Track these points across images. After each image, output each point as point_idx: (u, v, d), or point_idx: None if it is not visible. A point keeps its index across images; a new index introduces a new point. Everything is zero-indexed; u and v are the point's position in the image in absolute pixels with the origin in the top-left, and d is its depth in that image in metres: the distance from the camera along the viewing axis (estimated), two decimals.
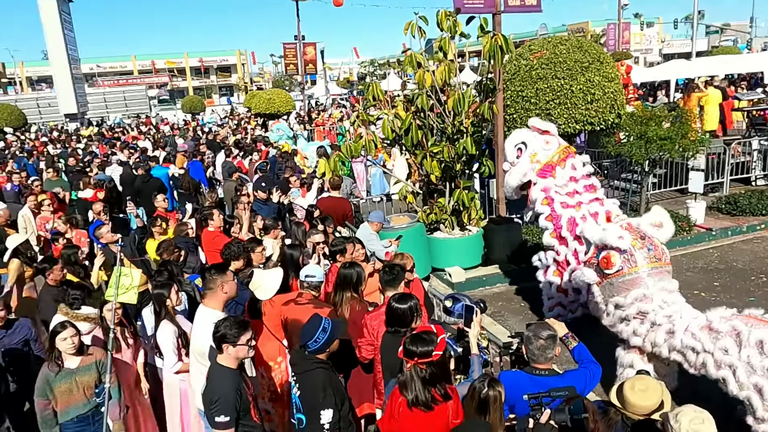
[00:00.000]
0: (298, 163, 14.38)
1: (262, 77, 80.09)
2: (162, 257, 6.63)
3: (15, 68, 69.43)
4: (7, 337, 4.92)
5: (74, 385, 4.19)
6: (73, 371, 4.21)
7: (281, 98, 23.83)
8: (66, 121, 35.73)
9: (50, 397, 4.15)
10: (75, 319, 5.23)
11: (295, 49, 26.54)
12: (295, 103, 25.92)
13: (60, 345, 4.16)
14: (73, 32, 37.26)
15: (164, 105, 59.65)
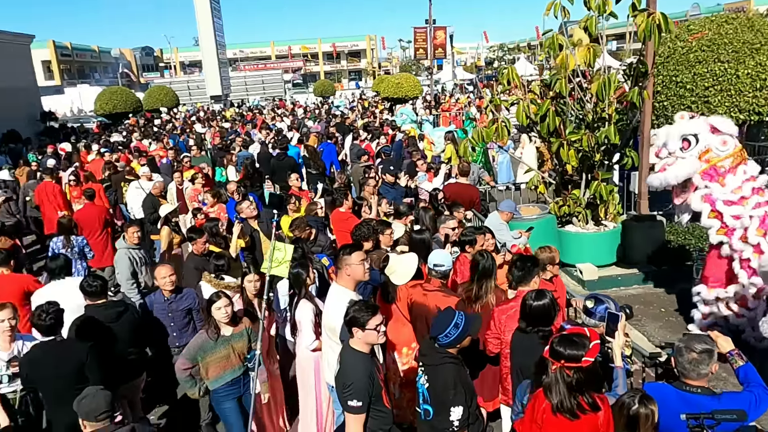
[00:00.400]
0: (424, 148, 14.32)
1: (390, 62, 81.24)
2: (294, 234, 6.91)
3: (171, 54, 76.55)
4: (176, 302, 5.23)
5: (231, 351, 4.42)
6: (228, 338, 4.44)
7: (409, 83, 23.89)
8: (211, 103, 38.79)
9: (199, 361, 4.38)
10: (217, 287, 5.61)
11: (425, 34, 26.42)
12: (422, 87, 25.92)
13: (215, 314, 4.38)
14: (221, 20, 40.22)
15: (297, 89, 62.59)
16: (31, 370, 4.13)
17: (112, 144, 16.44)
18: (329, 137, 15.69)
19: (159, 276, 5.21)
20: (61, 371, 4.09)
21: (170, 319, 5.21)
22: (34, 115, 23.58)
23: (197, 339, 4.46)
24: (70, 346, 4.31)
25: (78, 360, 4.13)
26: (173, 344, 5.23)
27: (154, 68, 77.42)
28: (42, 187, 10.38)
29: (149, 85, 45.14)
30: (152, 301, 5.25)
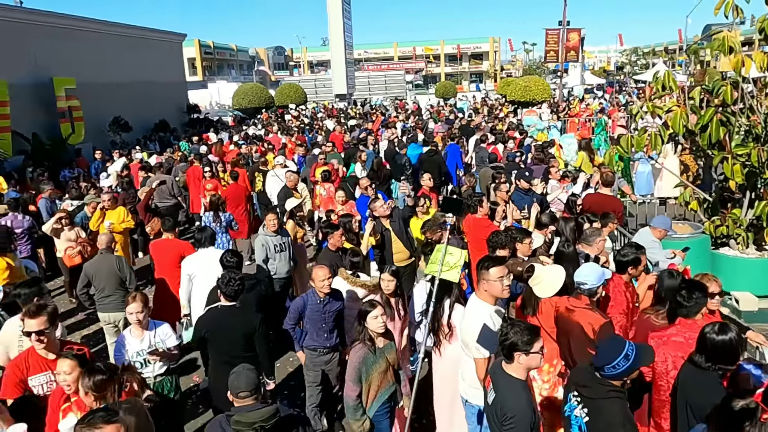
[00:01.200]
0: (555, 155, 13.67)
1: (513, 65, 79.30)
2: (426, 236, 6.83)
3: (300, 53, 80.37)
4: (330, 303, 5.05)
5: (387, 363, 4.13)
6: (382, 350, 4.16)
7: (538, 86, 23.04)
8: (336, 101, 40.11)
9: (363, 382, 4.05)
10: (353, 284, 5.66)
11: (557, 36, 25.38)
12: (551, 91, 24.92)
13: (371, 324, 4.08)
14: (350, 20, 41.39)
15: (418, 90, 62.99)
16: (209, 330, 4.57)
17: (249, 136, 17.47)
18: (452, 138, 15.52)
19: (317, 278, 4.97)
20: (233, 335, 4.53)
21: (322, 320, 5.06)
22: (181, 107, 25.75)
23: (356, 354, 4.10)
24: (247, 315, 4.74)
25: (251, 328, 4.59)
26: (323, 345, 5.13)
27: (284, 67, 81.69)
28: (191, 171, 11.36)
29: (279, 83, 47.55)
30: (306, 301, 5.08)
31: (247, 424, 3.08)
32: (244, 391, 3.22)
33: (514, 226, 6.65)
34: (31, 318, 3.78)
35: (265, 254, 7.11)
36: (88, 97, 18.24)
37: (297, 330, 5.21)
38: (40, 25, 17.10)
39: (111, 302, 6.36)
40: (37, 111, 16.66)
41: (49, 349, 3.86)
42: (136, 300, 4.44)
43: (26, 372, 3.80)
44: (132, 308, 4.42)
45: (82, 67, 18.49)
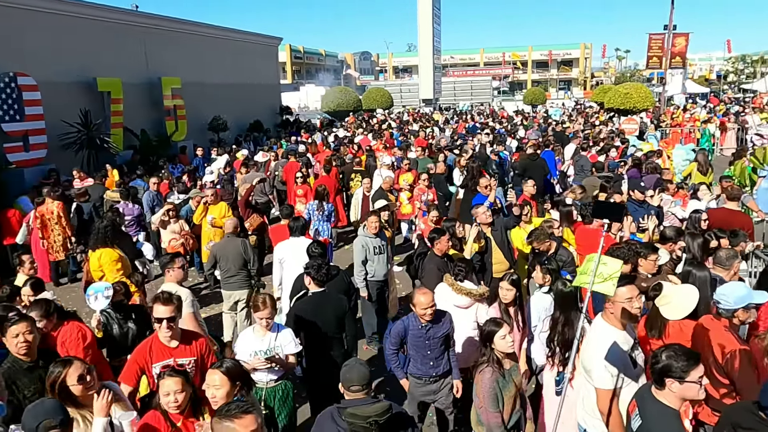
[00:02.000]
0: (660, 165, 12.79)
1: (604, 72, 76.14)
2: (533, 246, 6.48)
3: (386, 58, 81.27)
4: (434, 328, 4.63)
5: (515, 388, 3.88)
6: (509, 372, 3.92)
7: (640, 94, 21.78)
8: (422, 106, 40.08)
9: (500, 407, 3.82)
10: (458, 292, 5.42)
11: (662, 41, 23.92)
12: (653, 99, 23.51)
13: (499, 344, 3.82)
14: (439, 25, 41.34)
15: (504, 96, 61.87)
16: (304, 315, 4.84)
17: (339, 138, 17.70)
18: (546, 146, 14.95)
19: (419, 305, 4.50)
20: (326, 319, 4.84)
21: (426, 347, 4.64)
22: (274, 108, 26.56)
23: (487, 377, 3.80)
24: (336, 299, 5.09)
25: (341, 311, 4.95)
26: (428, 374, 4.68)
27: (369, 71, 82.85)
28: (289, 167, 11.82)
29: (365, 87, 48.19)
30: (406, 326, 4.65)
31: (362, 418, 3.10)
32: (356, 384, 3.26)
33: (633, 240, 6.17)
34: (163, 305, 3.86)
35: (364, 255, 7.04)
36: (190, 96, 19.16)
37: (400, 355, 4.83)
38: (153, 28, 18.14)
39: (235, 281, 6.96)
40: (146, 109, 17.68)
41: (173, 336, 3.92)
42: (267, 306, 4.32)
43: (150, 359, 3.86)
44: (263, 314, 4.32)
45: (187, 68, 19.45)
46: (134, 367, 3.87)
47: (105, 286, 4.82)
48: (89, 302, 4.71)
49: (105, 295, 4.69)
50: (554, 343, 4.43)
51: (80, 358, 3.44)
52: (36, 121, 13.04)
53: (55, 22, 14.23)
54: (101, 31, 15.84)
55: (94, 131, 14.52)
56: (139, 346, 3.98)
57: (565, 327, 4.40)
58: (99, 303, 4.65)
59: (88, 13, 15.50)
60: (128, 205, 9.69)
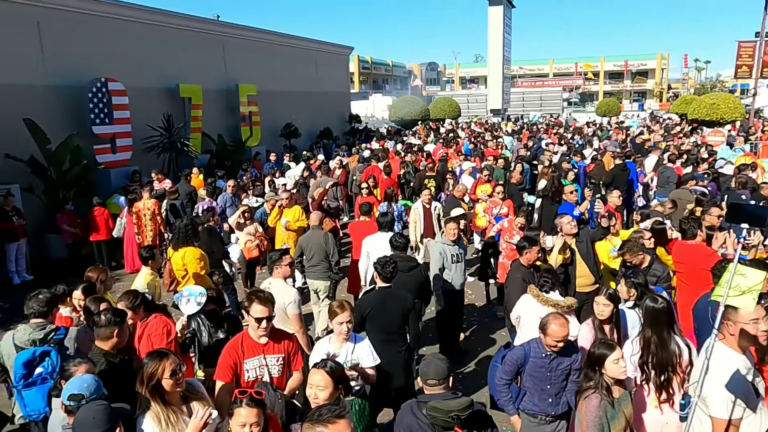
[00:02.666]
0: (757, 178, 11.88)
1: (682, 83, 72.66)
2: (624, 257, 6.09)
3: (453, 69, 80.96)
4: (559, 358, 4.15)
5: (625, 420, 3.52)
6: (618, 401, 3.57)
7: (728, 104, 20.45)
8: (490, 116, 39.54)
9: None
10: (545, 303, 5.14)
11: (752, 49, 22.46)
12: (743, 110, 22.04)
13: (611, 369, 3.49)
14: (510, 35, 40.72)
15: (575, 107, 60.16)
16: (369, 310, 5.00)
17: (411, 146, 17.66)
18: (627, 156, 14.27)
19: (553, 335, 3.97)
20: (390, 314, 5.00)
21: (547, 380, 4.11)
22: (343, 116, 26.88)
23: (593, 405, 3.47)
24: (402, 295, 5.18)
25: (406, 308, 5.06)
26: (545, 412, 4.17)
27: (436, 82, 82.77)
28: (368, 170, 12.51)
29: (432, 98, 48.15)
30: (527, 353, 4.17)
31: (444, 412, 3.09)
32: (433, 379, 3.28)
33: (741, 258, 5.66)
34: (261, 304, 3.81)
35: (442, 263, 6.84)
36: (265, 103, 19.65)
37: (513, 387, 4.30)
38: (232, 37, 18.78)
39: (316, 271, 7.47)
40: (223, 115, 18.27)
41: (265, 335, 3.90)
42: (345, 309, 4.18)
43: (242, 355, 3.82)
44: (342, 317, 4.15)
45: (262, 75, 19.99)
46: (228, 362, 3.82)
47: (200, 291, 4.56)
48: (180, 304, 4.49)
49: (197, 300, 4.44)
50: (647, 366, 4.05)
51: (174, 353, 3.43)
52: (123, 124, 13.69)
53: (142, 31, 14.95)
54: (184, 39, 16.54)
55: (175, 135, 15.10)
56: (231, 343, 3.94)
57: (658, 348, 4.02)
58: (189, 307, 4.43)
59: (172, 22, 16.22)
60: (210, 203, 10.09)
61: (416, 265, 6.24)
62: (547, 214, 8.53)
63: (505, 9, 37.94)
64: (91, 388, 3.06)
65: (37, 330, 4.23)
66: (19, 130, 11.12)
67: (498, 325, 7.93)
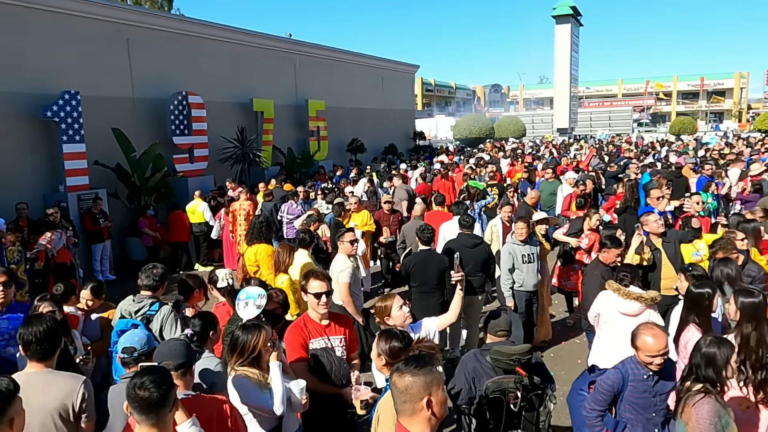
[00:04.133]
0: None
1: (764, 103, 68.74)
2: (716, 257, 5.76)
3: (517, 91, 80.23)
4: (660, 383, 3.68)
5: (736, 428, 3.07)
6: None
7: None
8: (556, 135, 38.78)
9: None
10: (626, 297, 4.90)
11: None
12: None
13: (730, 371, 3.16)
14: (578, 54, 40.02)
15: (645, 128, 58.10)
16: (411, 267, 6.27)
17: (479, 159, 17.67)
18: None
19: (645, 350, 3.47)
20: (427, 272, 6.19)
21: (651, 405, 3.59)
22: (408, 133, 27.12)
23: (706, 410, 2.97)
24: (437, 257, 6.39)
25: (441, 267, 6.16)
26: None
27: (500, 104, 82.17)
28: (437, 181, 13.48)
29: (495, 119, 47.87)
30: (625, 375, 3.59)
31: (506, 355, 3.56)
32: (504, 329, 3.93)
33: None
34: (317, 279, 3.89)
35: (511, 263, 6.71)
36: (332, 118, 20.12)
37: (608, 418, 3.69)
38: (303, 55, 19.43)
39: None
40: (293, 129, 18.84)
41: (325, 315, 3.92)
42: (393, 298, 4.02)
43: (308, 336, 3.85)
44: (396, 302, 3.95)
45: (331, 92, 20.53)
46: (298, 340, 3.84)
47: (258, 293, 4.00)
48: (238, 309, 3.96)
49: (257, 303, 3.89)
50: (745, 366, 3.75)
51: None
52: (201, 135, 14.37)
53: (220, 48, 15.75)
54: (258, 56, 17.27)
55: (248, 147, 15.67)
56: (293, 325, 3.97)
57: (759, 344, 3.72)
58: (249, 311, 3.90)
59: (247, 40, 16.99)
60: (292, 205, 10.57)
61: (481, 242, 6.93)
62: (630, 226, 8.19)
63: (572, 27, 37.39)
64: (142, 341, 3.34)
65: (135, 303, 4.47)
66: (108, 139, 11.87)
67: (574, 332, 7.66)
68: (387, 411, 2.76)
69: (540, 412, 3.63)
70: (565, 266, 8.02)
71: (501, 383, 3.53)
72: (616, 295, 4.95)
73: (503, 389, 3.52)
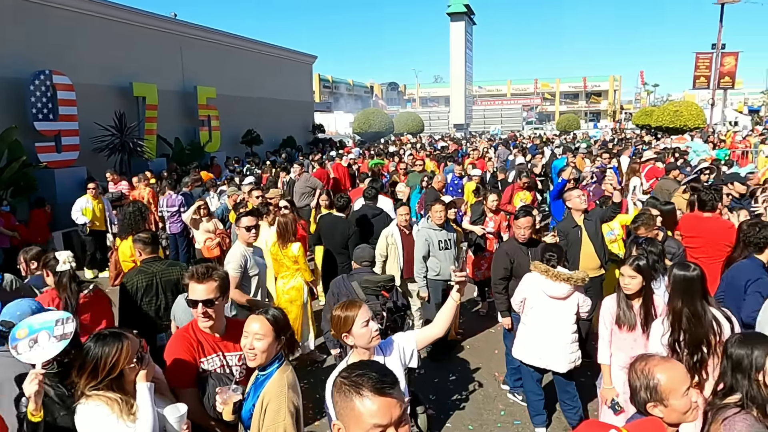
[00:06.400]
0: None
1: (634, 104, 75.15)
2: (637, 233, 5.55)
3: (414, 89, 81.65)
4: None
5: None
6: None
7: (690, 111, 20.72)
8: (453, 131, 39.52)
9: None
10: (556, 278, 4.46)
11: (709, 60, 23.01)
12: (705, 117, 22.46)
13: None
14: (471, 51, 41.05)
15: (534, 126, 61.28)
16: (322, 229, 6.88)
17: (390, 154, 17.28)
18: None
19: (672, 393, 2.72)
20: (334, 235, 6.68)
21: None
22: (307, 126, 26.18)
23: (743, 428, 2.27)
24: (346, 224, 6.77)
25: (346, 233, 6.61)
26: None
27: (397, 102, 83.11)
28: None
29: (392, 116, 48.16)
30: None
31: (374, 283, 4.31)
32: (366, 260, 4.74)
33: None
34: (198, 282, 2.84)
35: (427, 250, 6.17)
36: (225, 108, 18.78)
37: None
38: (190, 38, 17.91)
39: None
40: (180, 117, 17.31)
41: (216, 328, 2.93)
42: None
43: (197, 350, 2.88)
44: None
45: (222, 79, 19.15)
46: (184, 357, 2.85)
47: (58, 317, 2.53)
48: (17, 351, 2.40)
49: (57, 334, 2.47)
50: (680, 344, 3.43)
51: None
52: (69, 121, 12.60)
53: (92, 23, 13.98)
54: (139, 36, 15.60)
55: (128, 136, 14.06)
56: (177, 335, 2.97)
57: (691, 322, 3.41)
58: (40, 352, 2.40)
59: (125, 17, 15.27)
60: (171, 195, 9.43)
61: (380, 212, 7.26)
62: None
63: (466, 25, 38.23)
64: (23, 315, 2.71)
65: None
66: None
67: (489, 322, 7.30)
68: (275, 395, 2.49)
69: (403, 330, 4.19)
70: (476, 255, 7.67)
71: (369, 307, 3.62)
72: (543, 277, 4.53)
73: (372, 311, 3.55)
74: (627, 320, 3.89)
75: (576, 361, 4.57)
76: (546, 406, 4.80)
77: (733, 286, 4.22)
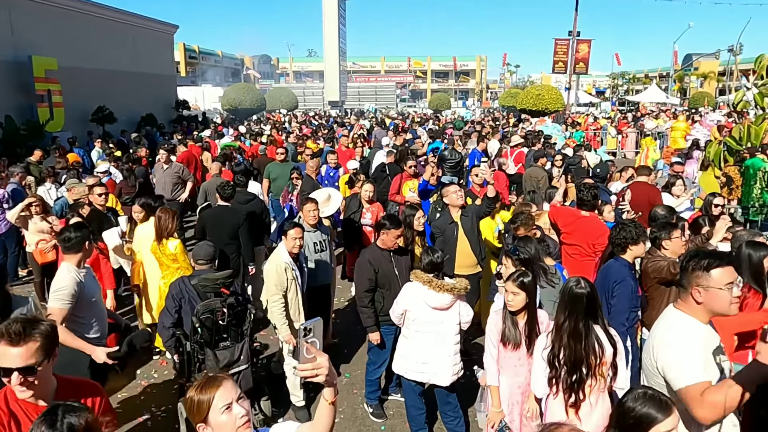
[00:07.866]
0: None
1: (498, 83, 79.44)
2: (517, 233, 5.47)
3: (287, 63, 79.26)
4: None
5: None
6: None
7: (551, 95, 22.02)
8: (328, 108, 38.86)
9: None
10: (440, 289, 4.22)
11: (566, 46, 24.54)
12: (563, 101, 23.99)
13: None
14: (345, 27, 40.46)
15: (406, 103, 62.36)
16: (207, 222, 6.46)
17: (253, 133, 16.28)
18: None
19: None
20: (222, 228, 6.34)
21: None
22: (169, 102, 24.09)
23: None
24: (234, 213, 6.50)
25: (235, 223, 6.38)
26: None
27: (270, 75, 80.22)
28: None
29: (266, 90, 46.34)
30: None
31: (212, 281, 4.25)
32: (203, 259, 4.54)
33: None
34: (12, 345, 2.11)
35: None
36: (70, 82, 16.55)
37: None
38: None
39: None
40: (12, 91, 14.94)
41: (41, 394, 2.23)
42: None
43: (9, 426, 2.18)
44: None
45: (65, 48, 16.80)
46: None
47: None
48: None
49: None
50: (558, 361, 3.28)
51: None
52: None
53: None
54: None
55: None
56: None
57: (571, 339, 3.26)
58: None
59: None
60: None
61: (253, 197, 7.22)
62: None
63: (339, 0, 37.49)
64: None
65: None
66: None
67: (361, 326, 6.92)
68: None
69: (245, 324, 4.34)
70: (353, 251, 7.26)
71: (209, 305, 4.16)
72: (426, 288, 4.24)
73: (212, 309, 4.15)
74: (512, 337, 3.71)
75: (459, 372, 4.37)
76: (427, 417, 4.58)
77: (601, 287, 4.24)
